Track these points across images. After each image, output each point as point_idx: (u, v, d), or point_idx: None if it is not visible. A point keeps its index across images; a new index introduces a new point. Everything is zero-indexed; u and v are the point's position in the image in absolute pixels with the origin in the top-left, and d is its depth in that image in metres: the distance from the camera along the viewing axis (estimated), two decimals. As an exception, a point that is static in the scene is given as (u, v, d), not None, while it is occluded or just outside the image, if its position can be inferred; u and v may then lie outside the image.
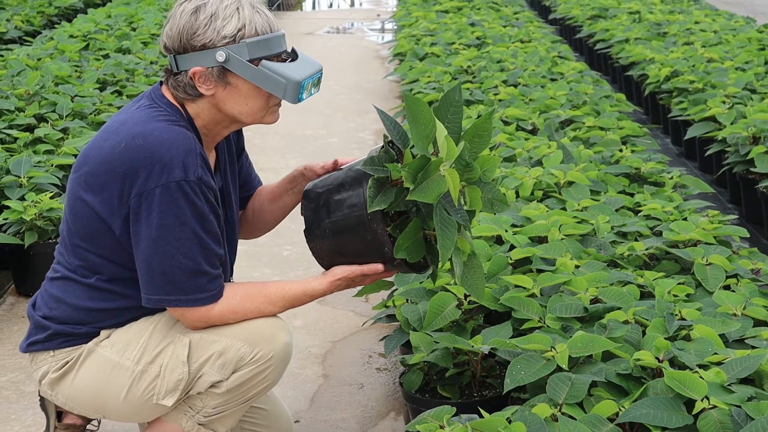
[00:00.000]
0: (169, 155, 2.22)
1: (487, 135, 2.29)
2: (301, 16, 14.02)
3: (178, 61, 2.30)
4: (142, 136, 2.25)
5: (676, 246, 3.27)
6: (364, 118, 7.12)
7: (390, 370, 3.45)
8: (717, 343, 2.51)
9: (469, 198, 2.31)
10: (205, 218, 2.27)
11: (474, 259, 2.38)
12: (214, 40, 2.26)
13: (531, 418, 2.20)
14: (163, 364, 2.35)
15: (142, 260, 2.27)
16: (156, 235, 2.23)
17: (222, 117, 2.37)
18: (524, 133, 4.83)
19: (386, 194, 2.28)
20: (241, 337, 2.35)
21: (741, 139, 4.84)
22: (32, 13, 9.26)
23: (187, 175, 2.23)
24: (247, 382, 2.37)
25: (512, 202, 3.75)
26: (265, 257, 4.49)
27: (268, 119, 2.39)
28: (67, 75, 5.93)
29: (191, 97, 2.33)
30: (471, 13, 9.29)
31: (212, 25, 2.26)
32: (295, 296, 2.39)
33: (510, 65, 6.54)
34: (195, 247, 2.25)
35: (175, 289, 2.27)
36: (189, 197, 2.23)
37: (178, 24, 2.28)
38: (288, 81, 2.26)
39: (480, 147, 2.30)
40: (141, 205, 2.23)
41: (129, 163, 2.23)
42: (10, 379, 3.37)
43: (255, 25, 2.28)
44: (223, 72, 2.28)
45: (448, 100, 2.30)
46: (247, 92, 2.32)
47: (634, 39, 7.75)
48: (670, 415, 2.20)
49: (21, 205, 3.96)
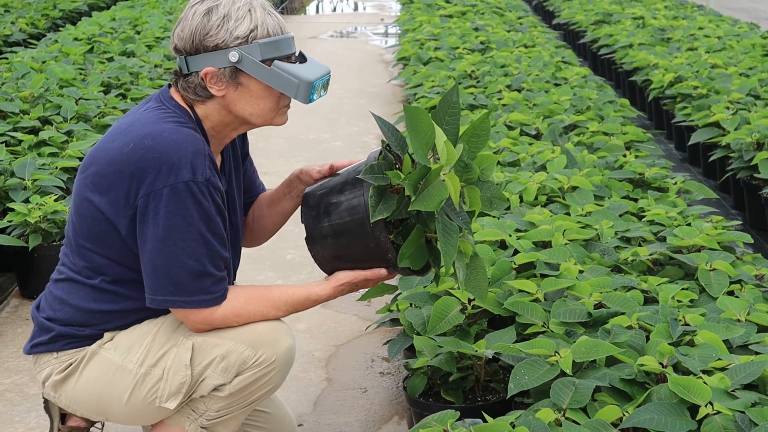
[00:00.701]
0: (177, 156, 2.22)
1: (485, 134, 2.28)
2: (304, 20, 14.03)
3: (189, 63, 2.31)
4: (150, 136, 2.25)
5: (679, 251, 3.27)
6: (367, 122, 7.12)
7: (393, 374, 3.45)
8: (721, 349, 2.51)
9: (468, 198, 2.29)
10: (212, 220, 2.27)
11: (476, 261, 2.38)
12: (226, 40, 2.27)
13: (535, 423, 2.20)
14: (166, 367, 2.35)
15: (148, 260, 2.27)
16: (162, 236, 2.24)
17: (232, 119, 2.37)
18: (528, 138, 4.84)
19: (388, 202, 2.28)
20: (244, 341, 2.34)
21: (745, 145, 4.84)
22: (37, 16, 9.28)
23: (195, 176, 2.23)
24: (250, 385, 2.37)
25: (516, 206, 3.75)
26: (268, 261, 4.49)
27: (278, 121, 2.40)
28: (71, 78, 5.94)
29: (201, 99, 2.34)
30: (475, 18, 9.29)
31: (225, 25, 2.27)
32: (299, 301, 2.39)
33: (514, 70, 6.54)
34: (201, 248, 2.26)
35: (179, 290, 2.27)
36: (197, 198, 2.24)
37: (190, 25, 2.29)
38: (300, 81, 2.27)
39: (478, 147, 2.28)
40: (148, 205, 2.23)
41: (137, 163, 2.24)
42: (14, 382, 3.38)
43: (267, 26, 2.30)
44: (235, 72, 2.29)
45: (446, 103, 2.29)
46: (259, 93, 2.32)
47: (637, 44, 7.75)
48: (674, 421, 2.19)
49: (25, 208, 3.96)
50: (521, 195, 3.85)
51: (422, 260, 2.34)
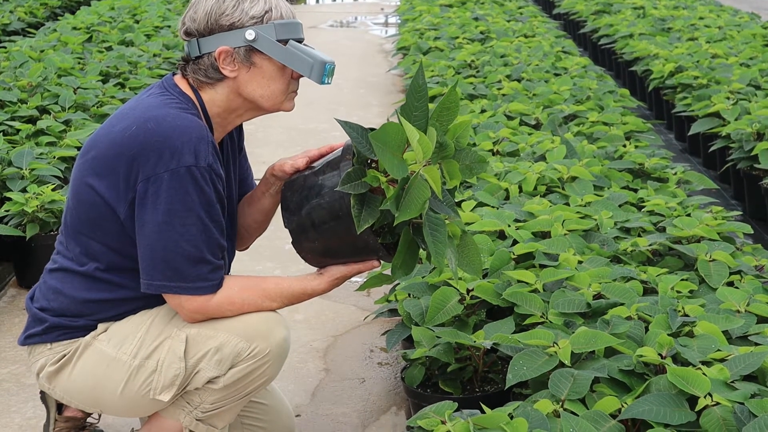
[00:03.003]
0: (180, 141, 2.22)
1: (454, 106, 2.22)
2: (304, 9, 14.00)
3: (201, 44, 2.32)
4: (154, 120, 2.24)
5: (679, 242, 3.26)
6: (367, 112, 7.11)
7: (392, 365, 3.44)
8: (720, 340, 2.50)
9: (447, 174, 2.23)
10: (212, 206, 2.26)
11: (466, 238, 2.33)
12: (242, 19, 2.30)
13: (533, 414, 2.19)
14: (160, 359, 2.34)
15: (146, 245, 2.26)
16: (162, 220, 2.22)
17: (239, 103, 2.37)
18: (528, 128, 4.83)
19: (371, 207, 2.23)
20: (238, 333, 2.33)
21: (745, 135, 4.83)
22: (36, 4, 9.26)
23: (198, 161, 2.22)
24: (244, 377, 2.36)
25: (515, 197, 3.74)
26: (267, 251, 4.48)
27: (287, 105, 2.40)
28: (69, 67, 5.93)
29: (211, 82, 2.34)
30: (475, 8, 9.28)
31: (240, 6, 2.30)
32: (293, 294, 2.38)
33: (514, 60, 6.53)
34: (200, 234, 2.25)
35: (176, 276, 2.26)
36: (198, 183, 2.23)
37: (204, 7, 2.31)
38: (315, 60, 2.30)
39: (449, 119, 2.21)
40: (148, 189, 2.22)
41: (139, 146, 2.23)
42: (10, 372, 3.37)
43: (280, 9, 2.34)
44: (249, 52, 2.31)
45: (414, 88, 2.24)
46: (271, 74, 2.33)
47: (638, 34, 7.73)
48: (673, 412, 2.19)
49: (23, 197, 3.95)
50: (520, 185, 3.84)
51: (412, 265, 2.30)
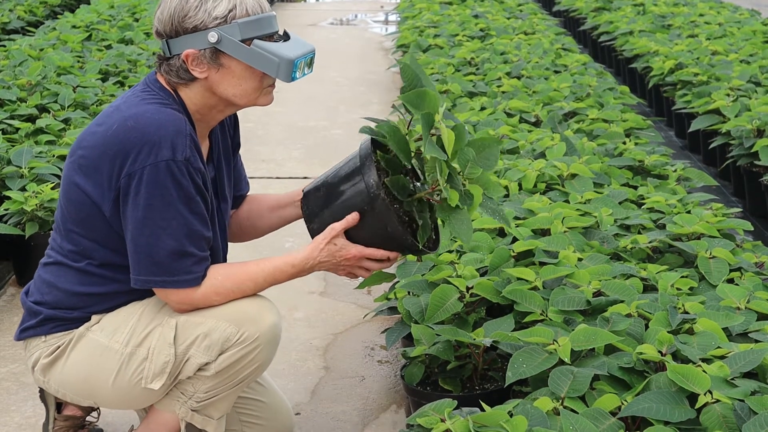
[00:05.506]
0: (158, 135, 2.23)
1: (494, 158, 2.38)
2: (304, 7, 13.99)
3: (170, 46, 2.31)
4: (133, 117, 2.26)
5: (679, 239, 3.26)
6: (367, 110, 7.10)
7: (391, 363, 3.44)
8: (720, 337, 2.50)
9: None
10: (191, 199, 2.27)
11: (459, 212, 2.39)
12: (205, 21, 2.27)
13: (533, 412, 2.19)
14: (150, 346, 2.36)
15: (130, 241, 2.28)
16: (142, 216, 2.24)
17: (216, 101, 2.36)
18: (527, 125, 4.82)
19: (422, 219, 2.37)
20: (226, 318, 2.35)
21: (745, 132, 4.83)
22: (35, 3, 9.25)
23: (175, 155, 2.23)
24: (235, 363, 2.37)
25: (515, 194, 3.73)
26: (266, 248, 4.47)
27: (262, 101, 2.39)
28: (69, 65, 5.92)
29: (184, 82, 2.34)
30: (474, 5, 9.27)
31: (203, 6, 2.28)
32: (277, 267, 2.37)
33: (514, 57, 6.52)
34: (181, 228, 2.26)
35: (160, 270, 2.27)
36: (175, 177, 2.24)
37: (168, 8, 2.30)
38: (281, 59, 2.27)
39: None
40: (130, 185, 2.24)
41: (120, 144, 2.24)
42: (10, 370, 3.37)
43: (246, 5, 2.30)
44: (216, 53, 2.29)
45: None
46: (241, 73, 2.32)
47: (638, 31, 7.72)
48: (673, 409, 2.18)
49: (22, 196, 3.95)
50: (520, 182, 3.83)
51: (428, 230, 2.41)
